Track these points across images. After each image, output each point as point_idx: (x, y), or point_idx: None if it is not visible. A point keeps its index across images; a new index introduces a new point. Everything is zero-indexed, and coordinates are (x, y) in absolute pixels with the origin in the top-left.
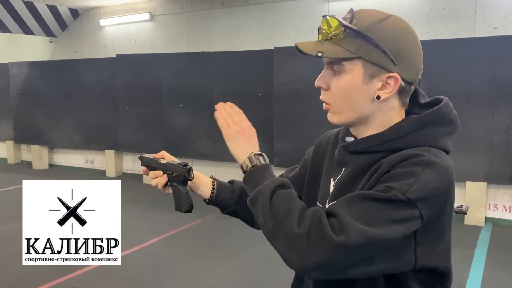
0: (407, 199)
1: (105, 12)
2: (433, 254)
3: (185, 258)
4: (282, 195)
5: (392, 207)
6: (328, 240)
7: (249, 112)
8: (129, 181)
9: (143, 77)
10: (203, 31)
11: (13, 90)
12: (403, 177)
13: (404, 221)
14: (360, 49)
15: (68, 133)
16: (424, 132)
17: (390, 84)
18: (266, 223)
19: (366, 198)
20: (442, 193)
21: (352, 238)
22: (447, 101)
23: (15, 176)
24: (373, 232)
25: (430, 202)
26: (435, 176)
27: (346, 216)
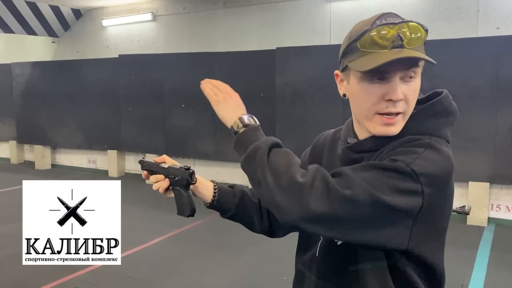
0: (411, 170)
1: (108, 13)
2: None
3: (187, 258)
4: (281, 151)
5: (396, 176)
6: (334, 191)
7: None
8: (131, 181)
9: (146, 77)
10: (205, 31)
11: (16, 90)
12: (407, 153)
13: (407, 193)
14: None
15: (70, 133)
16: (427, 123)
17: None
18: (265, 177)
19: (372, 166)
20: (444, 174)
21: (359, 194)
22: (446, 93)
23: (18, 176)
24: (378, 194)
25: (431, 180)
26: (437, 157)
27: (353, 175)
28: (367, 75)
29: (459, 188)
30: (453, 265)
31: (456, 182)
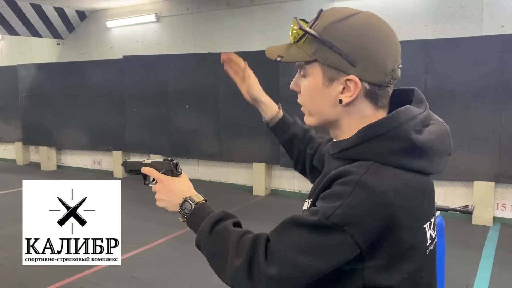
0: (331, 224)
1: (112, 14)
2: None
3: (192, 258)
4: (218, 232)
5: (319, 233)
6: (265, 275)
7: (256, 113)
8: (136, 182)
9: (150, 78)
10: (209, 32)
11: (22, 92)
12: (332, 199)
13: (336, 248)
14: (317, 52)
15: (75, 134)
16: (370, 146)
17: (351, 87)
18: (212, 265)
19: (296, 225)
20: (376, 218)
21: (283, 271)
22: (395, 114)
23: (24, 177)
24: (304, 262)
25: (362, 228)
26: (364, 199)
27: (278, 245)
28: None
29: (464, 188)
30: (458, 264)
31: (461, 182)
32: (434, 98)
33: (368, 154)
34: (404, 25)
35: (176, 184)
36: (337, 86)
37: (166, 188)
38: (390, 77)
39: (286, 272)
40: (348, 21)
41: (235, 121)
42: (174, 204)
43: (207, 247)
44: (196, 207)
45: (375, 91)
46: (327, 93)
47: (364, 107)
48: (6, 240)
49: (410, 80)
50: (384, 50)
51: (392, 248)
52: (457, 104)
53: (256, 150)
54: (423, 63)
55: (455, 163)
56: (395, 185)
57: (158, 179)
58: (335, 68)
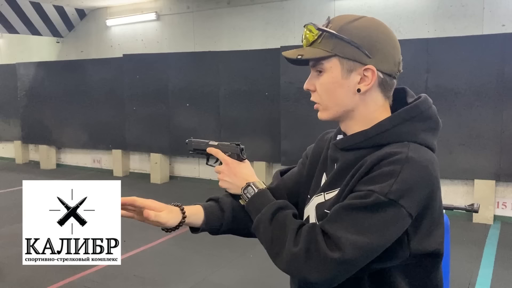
0: (389, 200)
1: (112, 12)
2: (428, 242)
3: (193, 257)
4: (279, 220)
5: (378, 211)
6: (325, 259)
7: (256, 111)
8: (136, 181)
9: (150, 77)
10: (209, 30)
11: (21, 90)
12: (384, 178)
13: (393, 223)
14: (335, 48)
15: (75, 133)
16: (403, 128)
17: (368, 76)
18: (269, 249)
19: (352, 209)
20: (425, 188)
21: (348, 253)
22: (425, 97)
23: (23, 176)
24: (366, 241)
25: (414, 199)
26: (414, 173)
27: (338, 232)
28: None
29: (464, 186)
30: (460, 263)
31: (462, 180)
32: (435, 97)
33: (402, 135)
34: (405, 24)
35: (241, 168)
36: (355, 77)
37: (231, 170)
38: (397, 68)
39: (351, 254)
40: (359, 21)
41: (235, 120)
42: (237, 187)
43: (266, 231)
44: (259, 192)
45: (387, 81)
46: (346, 84)
47: (376, 96)
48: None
49: (411, 79)
50: (392, 44)
51: (432, 215)
52: (458, 103)
53: (257, 149)
54: (424, 62)
55: (455, 161)
56: (431, 159)
57: (224, 160)
58: (353, 60)
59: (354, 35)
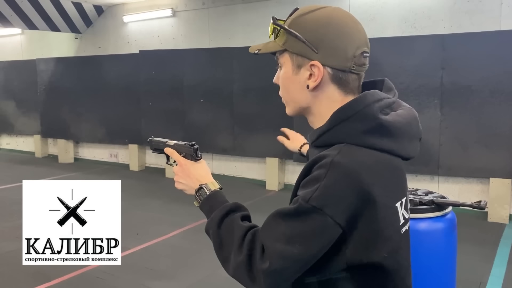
0: (311, 207)
1: (129, 9)
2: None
3: (204, 250)
4: (227, 224)
5: (302, 219)
6: (258, 270)
7: (270, 108)
8: (151, 175)
9: (165, 73)
10: (224, 26)
11: (40, 85)
12: (310, 183)
13: (319, 232)
14: (286, 42)
15: (92, 127)
16: (341, 128)
17: (315, 72)
18: (218, 254)
19: (280, 216)
20: (352, 194)
21: (273, 263)
22: (362, 96)
23: (42, 170)
24: (292, 251)
25: (339, 206)
26: (339, 178)
27: (266, 241)
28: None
29: (479, 185)
30: (472, 261)
31: (477, 179)
32: (450, 94)
33: (340, 136)
34: (421, 20)
35: (194, 169)
36: (304, 73)
37: (185, 172)
38: (353, 63)
39: (277, 264)
40: (312, 14)
41: (249, 116)
42: (191, 188)
43: (215, 236)
44: (210, 194)
45: (339, 76)
46: (296, 80)
47: (332, 92)
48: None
49: (426, 76)
50: (344, 37)
51: (370, 226)
52: (474, 100)
53: (270, 145)
54: (439, 58)
55: (470, 159)
56: (367, 163)
57: (178, 162)
58: (301, 55)
59: (303, 28)
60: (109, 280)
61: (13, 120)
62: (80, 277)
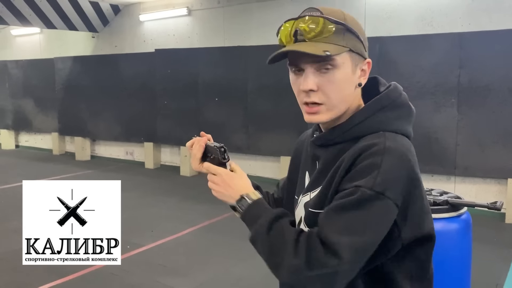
0: (375, 193)
1: (145, 8)
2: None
3: (217, 248)
4: (276, 230)
5: (366, 207)
6: (325, 268)
7: (284, 106)
8: (166, 173)
9: (181, 71)
10: (239, 25)
11: (58, 84)
12: (366, 172)
13: (383, 216)
14: (348, 42)
15: (109, 125)
16: (376, 118)
17: (365, 70)
18: (268, 261)
19: (341, 209)
20: (406, 175)
21: (345, 257)
22: (395, 86)
23: (60, 167)
24: (361, 240)
25: (398, 188)
26: (395, 162)
27: (332, 237)
28: (290, 67)
29: (497, 185)
30: (489, 263)
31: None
32: (468, 93)
33: (374, 126)
34: (438, 17)
35: (235, 179)
36: (358, 71)
37: (226, 182)
38: None
39: (349, 257)
40: (346, 14)
41: (263, 114)
42: (231, 198)
43: (264, 243)
44: (253, 203)
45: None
46: (353, 80)
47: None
48: None
49: (444, 74)
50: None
51: (417, 201)
52: (492, 99)
53: (284, 143)
54: (457, 57)
55: (488, 159)
56: (407, 146)
57: (217, 172)
58: (359, 54)
59: (354, 27)
60: (123, 276)
61: (32, 118)
62: (95, 273)
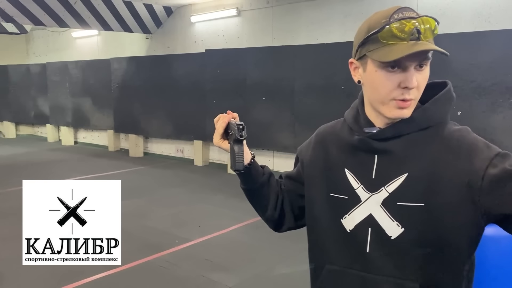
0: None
1: (196, 9)
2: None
3: (262, 246)
4: None
5: None
6: None
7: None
8: (215, 170)
9: (229, 71)
10: (288, 24)
11: (114, 83)
12: (484, 150)
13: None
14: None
15: (161, 123)
16: (442, 109)
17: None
18: None
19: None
20: None
21: None
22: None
23: (115, 163)
24: None
25: None
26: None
27: None
28: (386, 64)
29: None
30: None
31: None
32: None
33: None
34: (496, 14)
35: None
36: None
37: None
38: None
39: None
40: None
41: (310, 114)
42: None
43: None
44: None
45: None
46: None
47: None
48: None
49: (501, 73)
50: None
51: None
52: None
53: None
54: None
55: None
56: None
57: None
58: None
59: None
60: (171, 269)
61: (90, 116)
62: (144, 266)
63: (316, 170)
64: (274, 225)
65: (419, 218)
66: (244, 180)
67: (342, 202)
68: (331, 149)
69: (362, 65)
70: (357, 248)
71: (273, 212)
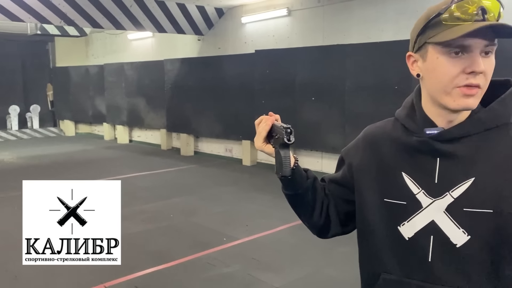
0: None
1: (247, 10)
2: None
3: (310, 248)
4: None
5: None
6: None
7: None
8: (262, 170)
9: (279, 71)
10: (339, 23)
11: (167, 84)
12: None
13: None
14: None
15: (211, 123)
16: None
17: None
18: None
19: None
20: None
21: None
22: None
23: (167, 161)
24: None
25: None
26: None
27: None
28: (448, 48)
29: None
30: None
31: None
32: None
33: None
34: None
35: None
36: None
37: None
38: None
39: None
40: None
41: (360, 114)
42: None
43: None
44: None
45: None
46: None
47: None
48: (148, 214)
49: None
50: None
51: None
52: None
53: None
54: None
55: None
56: None
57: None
58: None
59: None
60: (219, 266)
61: (144, 115)
62: (193, 262)
63: (368, 174)
64: (318, 232)
65: (486, 225)
66: (287, 185)
67: (400, 208)
68: (384, 151)
69: (422, 55)
70: (417, 257)
71: (318, 219)
